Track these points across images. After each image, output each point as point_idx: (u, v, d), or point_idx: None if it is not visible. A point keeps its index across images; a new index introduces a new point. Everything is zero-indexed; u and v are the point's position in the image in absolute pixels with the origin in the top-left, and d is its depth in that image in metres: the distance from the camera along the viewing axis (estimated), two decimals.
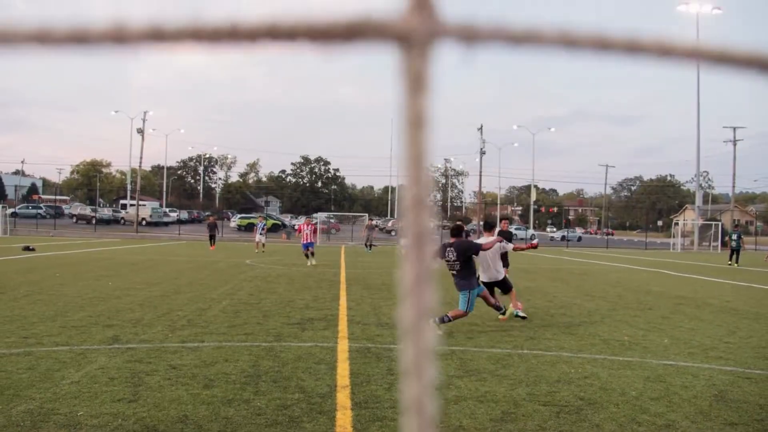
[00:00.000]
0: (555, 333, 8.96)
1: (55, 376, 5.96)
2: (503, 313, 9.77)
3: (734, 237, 29.99)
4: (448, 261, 9.08)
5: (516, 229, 71.20)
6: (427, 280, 0.47)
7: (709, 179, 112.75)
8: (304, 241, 22.20)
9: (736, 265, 27.98)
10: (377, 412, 5.05)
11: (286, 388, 5.74)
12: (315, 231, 22.55)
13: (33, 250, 24.91)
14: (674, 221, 57.57)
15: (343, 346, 7.64)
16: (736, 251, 29.09)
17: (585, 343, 8.22)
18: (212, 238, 31.52)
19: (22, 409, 4.96)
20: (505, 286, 10.35)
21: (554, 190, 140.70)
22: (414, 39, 0.44)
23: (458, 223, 10.66)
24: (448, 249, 9.17)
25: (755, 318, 10.88)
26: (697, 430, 4.86)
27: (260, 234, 29.13)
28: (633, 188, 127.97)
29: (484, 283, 9.81)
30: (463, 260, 8.99)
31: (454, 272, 9.10)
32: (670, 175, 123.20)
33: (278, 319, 9.55)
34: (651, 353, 7.74)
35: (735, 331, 9.47)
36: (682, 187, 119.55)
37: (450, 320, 8.81)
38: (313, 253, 22.11)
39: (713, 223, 53.14)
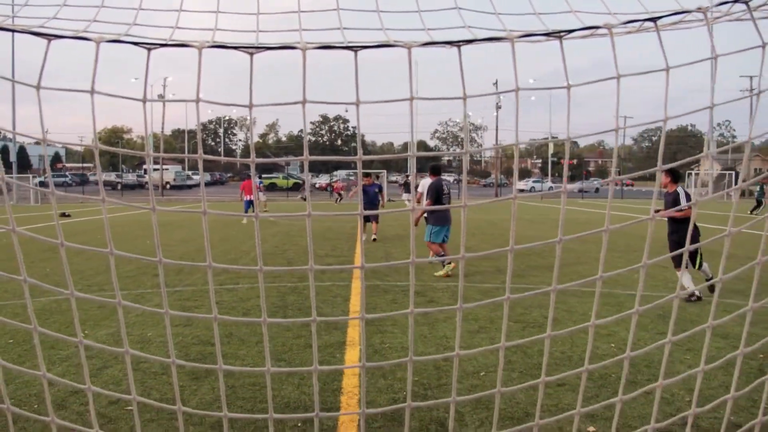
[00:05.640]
0: (542, 271, 10.26)
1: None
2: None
3: (758, 189, 31.63)
4: (446, 194, 10.34)
5: (534, 181, 71.82)
6: None
7: (731, 128, 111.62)
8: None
9: (749, 212, 28.93)
10: (380, 327, 6.43)
11: (308, 314, 7.14)
12: (256, 188, 22.44)
13: (69, 216, 26.43)
14: (687, 171, 57.74)
15: (356, 284, 9.02)
16: (759, 202, 30.69)
17: (565, 279, 9.47)
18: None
19: (103, 333, 6.42)
20: None
21: (575, 142, 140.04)
22: None
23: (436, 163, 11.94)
24: (445, 183, 10.60)
25: (726, 258, 12.00)
26: (630, 336, 6.15)
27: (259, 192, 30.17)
28: (654, 139, 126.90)
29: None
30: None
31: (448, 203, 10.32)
32: (691, 125, 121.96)
33: (301, 265, 10.91)
34: (620, 285, 9.01)
35: None
36: (703, 136, 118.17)
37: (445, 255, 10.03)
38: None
39: (727, 172, 53.38)
